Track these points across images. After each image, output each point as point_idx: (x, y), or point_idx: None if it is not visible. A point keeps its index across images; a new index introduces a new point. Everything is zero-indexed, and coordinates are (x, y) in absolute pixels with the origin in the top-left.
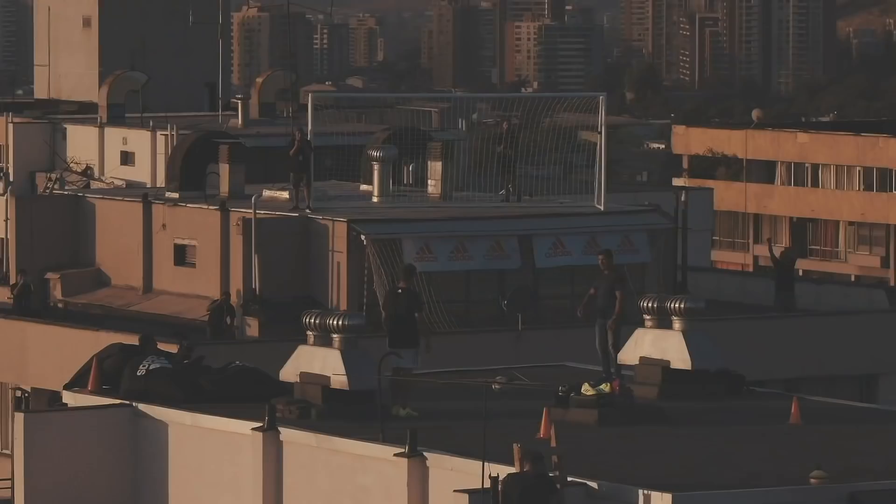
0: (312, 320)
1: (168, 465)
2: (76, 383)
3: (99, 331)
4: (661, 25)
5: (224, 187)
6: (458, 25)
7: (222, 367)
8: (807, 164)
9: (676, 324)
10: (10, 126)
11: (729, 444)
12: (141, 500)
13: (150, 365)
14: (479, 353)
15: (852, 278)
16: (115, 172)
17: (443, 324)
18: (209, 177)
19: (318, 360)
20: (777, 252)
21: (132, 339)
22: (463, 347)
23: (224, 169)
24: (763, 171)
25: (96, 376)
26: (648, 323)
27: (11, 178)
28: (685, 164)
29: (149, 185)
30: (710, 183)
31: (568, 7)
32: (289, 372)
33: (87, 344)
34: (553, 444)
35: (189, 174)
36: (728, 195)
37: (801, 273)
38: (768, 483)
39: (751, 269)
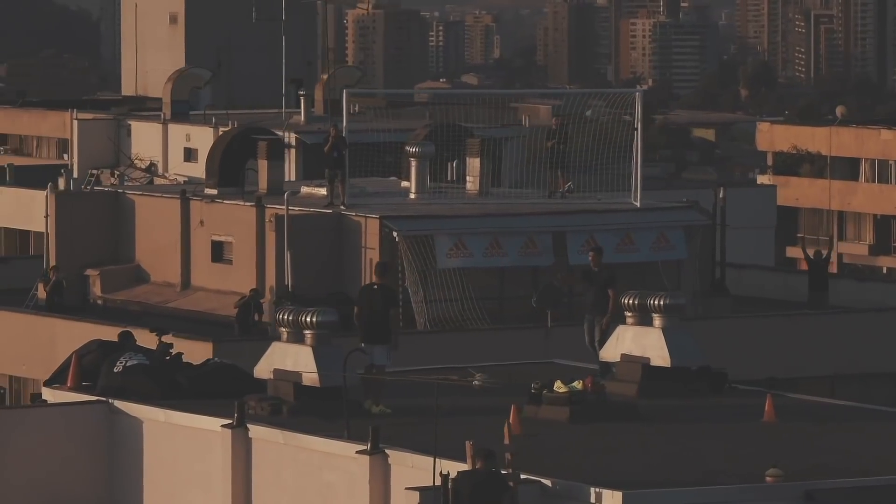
0: (285, 317)
1: (142, 461)
2: (56, 379)
3: (127, 327)
4: (777, 22)
5: (263, 183)
6: (574, 23)
7: (200, 364)
8: (890, 162)
9: (657, 321)
10: (75, 123)
11: (697, 441)
12: (115, 496)
13: (127, 361)
14: (507, 349)
15: None
16: (179, 169)
17: (476, 320)
18: (248, 173)
19: (291, 357)
20: (811, 253)
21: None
22: (492, 344)
23: (263, 165)
24: (847, 168)
25: (75, 373)
26: (630, 320)
27: (75, 175)
28: (769, 161)
29: None
30: (793, 180)
31: (683, 4)
32: (263, 369)
33: None
34: (506, 441)
35: (228, 170)
36: (812, 192)
37: (885, 271)
38: (726, 481)
39: (834, 266)
